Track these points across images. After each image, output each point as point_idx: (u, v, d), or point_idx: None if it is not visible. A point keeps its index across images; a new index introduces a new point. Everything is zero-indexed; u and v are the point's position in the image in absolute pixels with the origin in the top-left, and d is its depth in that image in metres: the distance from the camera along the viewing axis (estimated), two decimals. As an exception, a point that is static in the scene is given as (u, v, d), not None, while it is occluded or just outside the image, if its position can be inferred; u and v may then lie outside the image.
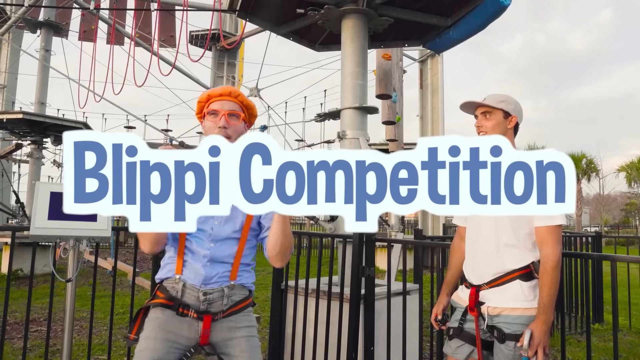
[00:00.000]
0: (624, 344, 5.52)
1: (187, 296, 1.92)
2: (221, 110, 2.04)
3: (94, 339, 5.34)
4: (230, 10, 4.63)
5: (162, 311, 1.92)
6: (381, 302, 3.58)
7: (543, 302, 2.00)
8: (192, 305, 1.91)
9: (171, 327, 1.90)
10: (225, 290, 1.96)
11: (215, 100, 2.08)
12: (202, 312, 1.91)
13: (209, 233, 1.96)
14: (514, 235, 2.12)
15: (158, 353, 1.85)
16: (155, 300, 1.95)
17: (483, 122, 2.25)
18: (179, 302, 1.91)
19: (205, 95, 2.11)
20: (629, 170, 30.55)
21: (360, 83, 4.20)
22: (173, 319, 1.91)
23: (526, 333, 1.98)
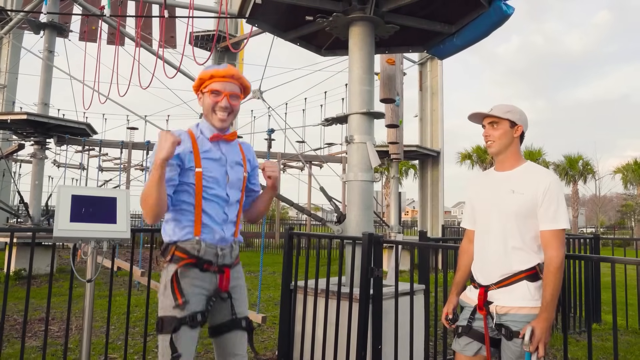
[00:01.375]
0: (622, 343, 5.65)
1: (207, 254, 2.22)
2: (224, 91, 2.25)
3: (103, 337, 5.44)
4: (239, 16, 4.74)
5: (189, 270, 2.20)
6: (388, 302, 3.69)
7: (545, 301, 2.13)
8: (212, 260, 2.23)
9: (197, 281, 2.20)
10: (233, 246, 2.34)
11: (218, 80, 2.26)
12: (220, 265, 2.26)
13: (224, 199, 2.29)
14: (520, 238, 2.24)
15: (194, 305, 2.16)
16: (183, 263, 2.19)
17: (490, 131, 2.38)
18: (203, 260, 2.21)
19: (208, 73, 2.26)
20: (625, 171, 30.76)
21: (367, 89, 4.31)
22: (199, 275, 2.21)
23: (527, 329, 2.11)
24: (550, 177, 2.25)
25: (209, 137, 2.30)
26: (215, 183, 2.26)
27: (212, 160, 2.27)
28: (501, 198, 2.31)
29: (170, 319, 2.12)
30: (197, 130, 2.32)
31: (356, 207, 4.15)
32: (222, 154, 2.32)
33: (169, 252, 2.23)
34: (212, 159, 2.27)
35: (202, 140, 2.30)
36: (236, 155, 2.40)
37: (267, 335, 5.67)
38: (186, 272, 2.19)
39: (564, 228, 2.20)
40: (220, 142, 2.34)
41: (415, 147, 13.02)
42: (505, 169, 2.39)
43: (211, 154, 2.28)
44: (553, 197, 2.20)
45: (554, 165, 28.79)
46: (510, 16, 4.47)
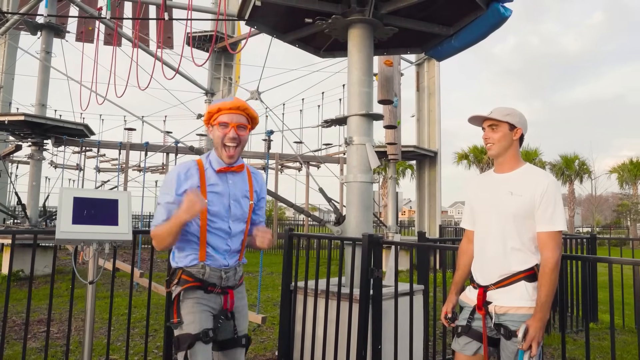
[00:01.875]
0: (618, 342, 5.70)
1: (212, 278, 2.35)
2: (231, 123, 2.35)
3: (102, 339, 5.45)
4: (239, 18, 4.76)
5: (194, 291, 2.33)
6: (388, 302, 3.72)
7: (540, 301, 2.17)
8: (216, 283, 2.36)
9: (204, 301, 2.33)
10: (236, 269, 2.47)
11: (225, 113, 2.36)
12: (223, 287, 2.39)
13: (226, 232, 2.39)
14: (519, 239, 2.28)
15: (204, 322, 2.29)
16: (187, 285, 2.33)
17: (490, 134, 2.41)
18: (207, 283, 2.35)
19: (215, 107, 2.37)
20: (620, 171, 30.95)
21: (366, 91, 4.34)
22: (204, 296, 2.34)
23: (522, 327, 2.15)
24: (548, 180, 2.28)
25: (216, 170, 2.38)
26: (218, 217, 2.36)
27: (216, 195, 2.36)
28: (500, 200, 2.34)
29: (185, 337, 2.25)
30: (206, 161, 2.41)
31: (355, 208, 4.18)
32: (228, 187, 2.40)
33: (177, 276, 2.37)
34: (217, 193, 2.36)
35: (210, 172, 2.38)
36: (243, 187, 2.47)
37: (266, 335, 5.70)
38: (191, 294, 2.32)
39: (560, 230, 2.24)
40: (228, 173, 2.43)
41: (412, 148, 13.06)
42: (505, 171, 2.42)
43: (217, 187, 2.37)
44: (550, 199, 2.23)
45: (550, 165, 28.93)
46: (507, 18, 4.50)
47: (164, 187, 2.32)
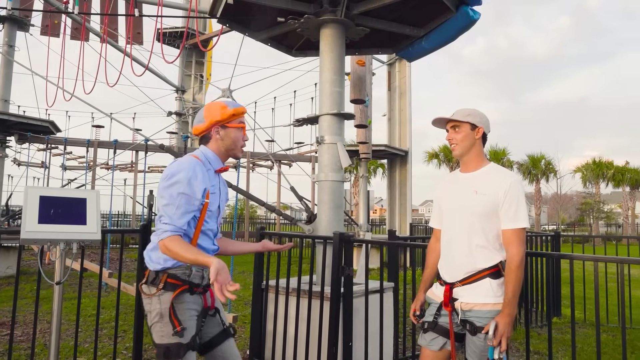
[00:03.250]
0: (580, 335, 5.90)
1: (194, 278, 2.31)
2: (244, 126, 2.47)
3: (69, 340, 5.34)
4: (210, 16, 4.72)
5: (183, 295, 2.27)
6: (358, 299, 3.77)
7: (507, 297, 2.24)
8: (199, 283, 2.33)
9: (191, 305, 2.28)
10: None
11: (240, 117, 2.44)
12: (205, 285, 2.37)
13: (214, 232, 2.41)
14: (484, 237, 2.35)
15: (193, 330, 2.26)
16: (180, 290, 2.25)
17: (453, 135, 2.48)
18: (193, 284, 2.30)
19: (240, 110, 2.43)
20: (584, 170, 31.88)
21: (337, 90, 4.37)
22: (190, 299, 2.29)
23: (492, 324, 2.22)
24: (511, 179, 2.36)
25: (216, 169, 2.39)
26: (212, 218, 2.37)
27: (215, 195, 2.36)
28: (465, 198, 2.41)
29: (177, 346, 2.18)
30: (205, 161, 2.35)
31: (327, 206, 4.21)
32: (220, 187, 2.44)
33: (161, 280, 2.24)
34: (215, 194, 2.37)
35: (210, 172, 2.36)
36: (225, 188, 2.53)
37: (238, 334, 5.68)
38: (181, 298, 2.25)
39: (524, 227, 2.31)
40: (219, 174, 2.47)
41: (383, 147, 13.19)
42: (470, 170, 2.49)
43: (215, 188, 2.38)
44: (514, 197, 2.31)
45: (517, 164, 29.58)
46: (476, 21, 4.61)
47: (183, 186, 2.17)
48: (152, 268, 2.28)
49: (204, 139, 2.41)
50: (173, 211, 2.16)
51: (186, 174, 2.19)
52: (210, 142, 2.39)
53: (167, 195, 2.18)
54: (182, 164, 2.25)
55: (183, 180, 2.18)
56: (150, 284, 2.26)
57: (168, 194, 2.18)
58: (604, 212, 32.59)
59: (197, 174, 2.22)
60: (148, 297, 2.24)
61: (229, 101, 2.47)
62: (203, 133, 2.41)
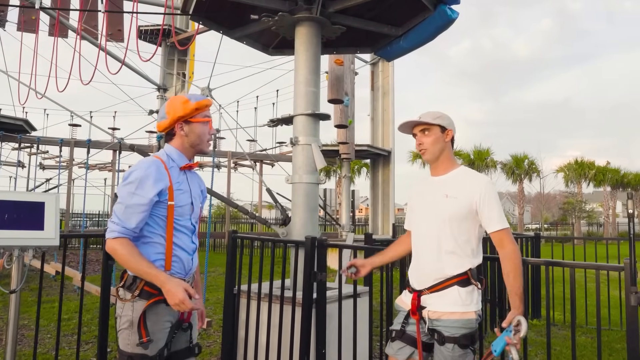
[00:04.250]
0: (559, 337, 5.88)
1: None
2: (210, 120, 2.37)
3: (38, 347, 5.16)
4: (183, 13, 4.59)
5: (157, 305, 2.14)
6: (332, 305, 3.67)
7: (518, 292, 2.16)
8: None
9: (165, 316, 2.17)
10: (194, 276, 2.40)
11: (204, 110, 2.32)
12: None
13: (191, 229, 2.32)
14: (454, 241, 2.27)
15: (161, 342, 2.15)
16: (154, 299, 2.13)
17: (423, 139, 2.39)
18: None
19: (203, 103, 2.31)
20: (566, 170, 32.22)
21: (313, 90, 4.27)
22: (165, 310, 2.16)
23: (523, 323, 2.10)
24: (483, 182, 2.29)
25: (180, 166, 2.30)
26: (184, 215, 2.28)
27: (181, 192, 2.28)
28: (436, 203, 2.33)
29: (141, 357, 2.10)
30: (168, 160, 2.29)
31: (301, 209, 4.10)
32: (188, 184, 2.35)
33: (137, 287, 2.14)
34: (182, 190, 2.28)
35: (174, 170, 2.28)
36: (198, 185, 2.44)
37: (213, 339, 5.55)
38: (155, 309, 2.15)
39: (508, 226, 2.28)
40: (187, 171, 2.37)
41: (366, 147, 13.12)
42: (440, 174, 2.41)
43: (181, 185, 2.29)
44: (492, 200, 2.25)
45: (501, 164, 29.78)
46: (454, 20, 4.53)
47: (134, 187, 2.11)
48: (130, 273, 2.17)
49: (168, 135, 2.34)
50: (122, 211, 2.11)
51: (138, 174, 2.15)
52: (174, 139, 2.32)
53: (119, 195, 2.15)
54: (138, 165, 2.22)
55: (135, 181, 2.13)
56: (126, 289, 2.17)
57: (121, 194, 2.15)
58: (586, 212, 32.98)
59: (151, 174, 2.14)
60: (122, 302, 2.16)
61: (192, 95, 2.35)
62: (167, 130, 2.32)
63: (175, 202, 2.21)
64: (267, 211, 32.10)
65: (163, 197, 2.18)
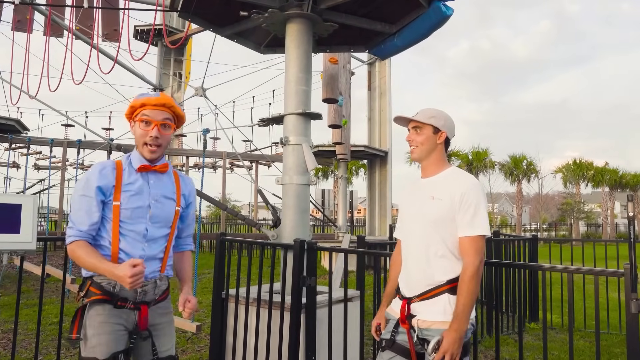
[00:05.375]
0: (557, 341, 5.77)
1: (124, 290, 2.10)
2: (154, 121, 2.17)
3: (22, 352, 5.05)
4: (171, 10, 4.48)
5: (102, 307, 2.08)
6: (322, 310, 3.56)
7: (457, 311, 2.04)
8: (128, 297, 2.12)
9: (113, 319, 2.08)
10: (157, 282, 2.22)
11: (149, 109, 2.18)
12: (138, 302, 2.14)
13: (142, 234, 2.16)
14: (443, 245, 2.15)
15: (112, 345, 2.04)
16: (93, 298, 2.09)
17: (414, 136, 2.28)
18: (117, 296, 2.10)
19: (139, 102, 2.19)
20: (565, 171, 32.16)
21: (304, 89, 4.15)
22: (113, 312, 2.08)
23: (433, 339, 2.02)
24: (468, 182, 2.16)
25: (136, 168, 2.20)
26: (134, 218, 2.15)
27: (133, 193, 2.16)
28: (422, 205, 2.22)
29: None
30: (126, 161, 2.23)
31: (292, 211, 3.99)
32: (148, 186, 2.21)
33: (85, 287, 2.13)
34: (133, 192, 2.16)
35: (129, 172, 2.20)
36: (167, 189, 2.28)
37: (204, 343, 5.43)
38: (99, 309, 2.08)
39: (482, 234, 2.11)
40: (150, 173, 2.23)
41: (363, 147, 13.02)
42: (428, 175, 2.30)
43: (134, 186, 2.17)
44: (471, 202, 2.11)
45: (499, 165, 29.73)
46: (449, 17, 4.42)
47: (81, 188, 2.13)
48: (82, 274, 2.17)
49: None
50: (74, 214, 2.11)
51: (84, 176, 2.17)
52: None
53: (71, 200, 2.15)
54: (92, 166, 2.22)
55: (82, 181, 2.15)
56: (79, 290, 2.17)
57: (72, 198, 2.15)
58: (584, 212, 32.90)
59: (93, 174, 2.12)
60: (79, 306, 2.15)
61: (145, 93, 2.30)
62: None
63: (122, 204, 2.12)
64: (265, 212, 32.00)
65: (108, 198, 2.12)
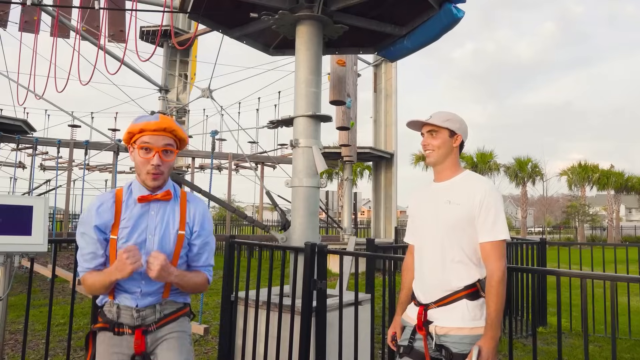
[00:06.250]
0: (566, 346, 5.73)
1: (123, 316, 2.07)
2: (155, 147, 2.02)
3: (30, 353, 5.04)
4: (181, 11, 4.47)
5: (104, 334, 2.08)
6: (333, 313, 3.54)
7: (490, 318, 2.02)
8: (127, 324, 2.06)
9: (114, 347, 2.04)
10: (157, 307, 2.12)
11: (148, 134, 2.02)
12: (137, 326, 2.07)
13: (139, 271, 2.00)
14: (461, 251, 2.13)
15: None
16: (96, 325, 2.11)
17: (429, 140, 2.25)
18: (114, 323, 2.06)
19: (138, 127, 2.03)
20: (570, 174, 32.01)
21: (314, 91, 4.14)
22: (113, 340, 2.05)
23: (474, 350, 1.99)
24: (486, 187, 2.14)
25: (137, 198, 2.07)
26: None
27: (130, 229, 2.04)
28: (438, 209, 2.19)
29: None
30: (127, 191, 2.11)
31: (301, 214, 3.97)
32: (147, 218, 2.07)
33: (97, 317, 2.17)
34: (129, 227, 2.04)
35: (128, 203, 2.08)
36: (169, 218, 2.11)
37: (211, 345, 5.42)
38: (102, 337, 2.08)
39: (503, 239, 2.10)
40: (152, 202, 2.10)
41: (368, 149, 13.00)
42: (443, 179, 2.27)
43: (131, 221, 2.05)
44: (490, 207, 2.09)
45: (504, 167, 29.63)
46: (460, 19, 4.40)
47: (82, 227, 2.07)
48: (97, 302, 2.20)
49: None
50: (79, 254, 2.08)
51: (83, 215, 2.12)
52: None
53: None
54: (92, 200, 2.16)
55: (82, 217, 2.11)
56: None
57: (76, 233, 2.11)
58: (589, 215, 32.74)
59: (92, 212, 2.04)
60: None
61: (144, 116, 2.12)
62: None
63: (119, 240, 2.02)
64: (269, 213, 31.97)
65: (106, 234, 2.04)
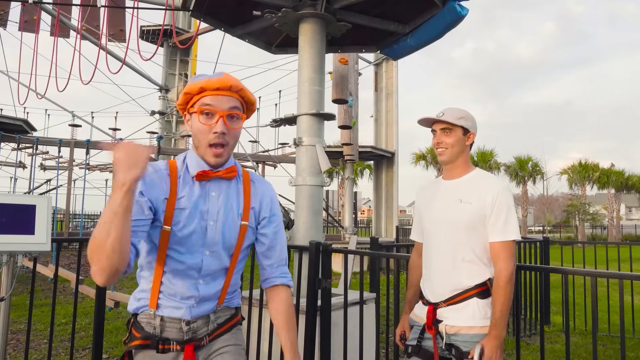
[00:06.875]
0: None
1: (168, 330, 1.66)
2: (219, 111, 1.59)
3: (32, 353, 5.02)
4: (183, 9, 4.45)
5: (143, 353, 1.66)
6: (337, 312, 3.52)
7: (495, 318, 2.00)
8: (174, 339, 1.66)
9: None
10: (210, 317, 1.73)
11: (210, 95, 1.60)
12: (186, 341, 1.67)
13: (198, 267, 1.65)
14: (471, 250, 2.11)
15: None
16: (133, 343, 1.67)
17: (443, 138, 2.21)
18: (158, 338, 1.65)
19: (197, 86, 1.60)
20: (570, 173, 32.01)
21: (317, 89, 4.12)
22: (155, 357, 1.65)
23: (477, 348, 1.97)
24: (498, 186, 2.12)
25: (193, 175, 1.65)
26: (187, 245, 1.63)
27: (187, 212, 1.62)
28: (449, 208, 2.17)
29: None
30: (182, 165, 1.68)
31: (305, 212, 3.95)
32: (208, 201, 1.66)
33: (129, 328, 1.72)
34: (183, 209, 1.62)
35: (185, 180, 1.66)
36: (233, 202, 1.72)
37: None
38: (142, 357, 1.65)
39: (514, 239, 2.08)
40: (212, 181, 1.68)
41: (369, 148, 12.98)
42: (454, 177, 2.25)
43: (188, 201, 1.63)
44: (502, 207, 2.08)
45: (505, 166, 29.62)
46: (464, 17, 4.38)
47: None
48: (128, 309, 1.73)
49: None
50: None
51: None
52: None
53: None
54: None
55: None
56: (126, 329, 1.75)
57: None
58: (590, 214, 32.74)
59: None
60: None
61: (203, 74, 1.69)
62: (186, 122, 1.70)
63: (174, 226, 1.59)
64: (269, 212, 31.92)
65: (158, 216, 1.59)
